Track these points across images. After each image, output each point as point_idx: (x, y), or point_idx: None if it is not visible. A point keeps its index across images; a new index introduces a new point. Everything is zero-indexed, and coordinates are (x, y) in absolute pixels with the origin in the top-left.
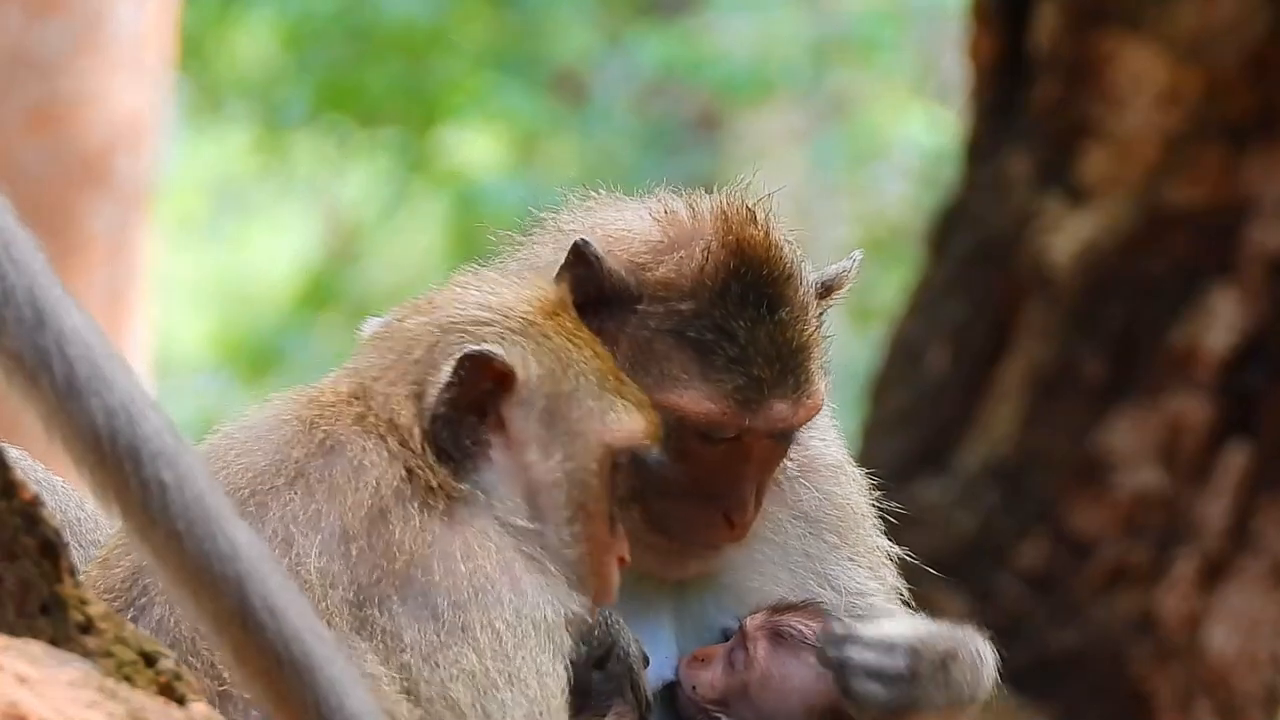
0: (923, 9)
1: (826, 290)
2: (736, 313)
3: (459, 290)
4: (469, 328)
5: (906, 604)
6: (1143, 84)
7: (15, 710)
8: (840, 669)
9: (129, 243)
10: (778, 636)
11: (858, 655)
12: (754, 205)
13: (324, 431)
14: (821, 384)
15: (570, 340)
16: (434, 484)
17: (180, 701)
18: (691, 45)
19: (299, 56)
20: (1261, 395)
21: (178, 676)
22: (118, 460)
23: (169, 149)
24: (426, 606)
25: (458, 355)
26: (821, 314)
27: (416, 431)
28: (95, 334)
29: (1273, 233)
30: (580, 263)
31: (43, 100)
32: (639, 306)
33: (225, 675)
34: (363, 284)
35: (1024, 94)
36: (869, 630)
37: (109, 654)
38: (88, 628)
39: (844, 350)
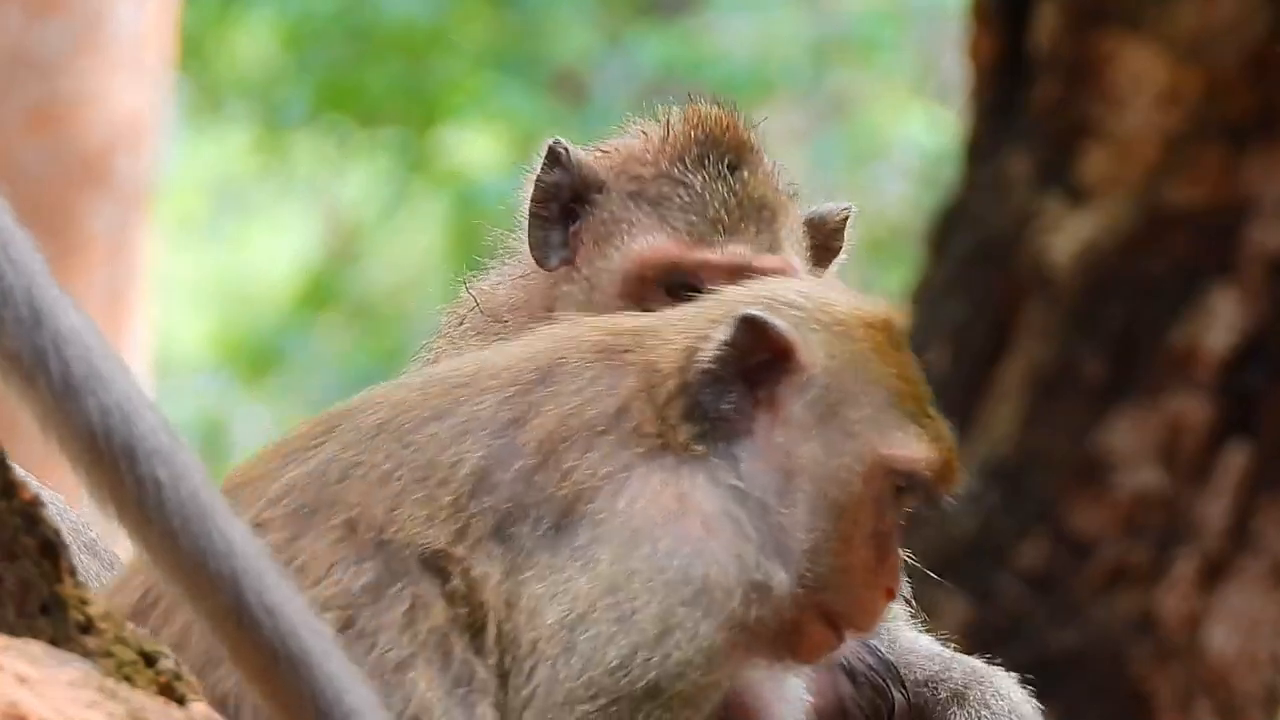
0: (923, 9)
1: (816, 227)
2: (694, 169)
3: (796, 280)
4: (775, 304)
5: (908, 603)
6: (1143, 84)
7: (15, 710)
8: None
9: (129, 243)
10: None
11: None
12: (725, 104)
13: (560, 356)
14: (792, 252)
15: (877, 352)
16: (648, 430)
17: (180, 701)
18: (691, 45)
19: (299, 56)
20: (1261, 395)
21: (178, 676)
22: (113, 458)
23: (169, 149)
24: (570, 534)
25: (745, 315)
26: (808, 234)
27: (671, 382)
28: (92, 334)
29: (1273, 233)
30: (552, 164)
31: (43, 100)
32: (606, 185)
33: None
34: (363, 284)
35: (1024, 94)
36: None
37: (109, 654)
38: (88, 628)
39: None
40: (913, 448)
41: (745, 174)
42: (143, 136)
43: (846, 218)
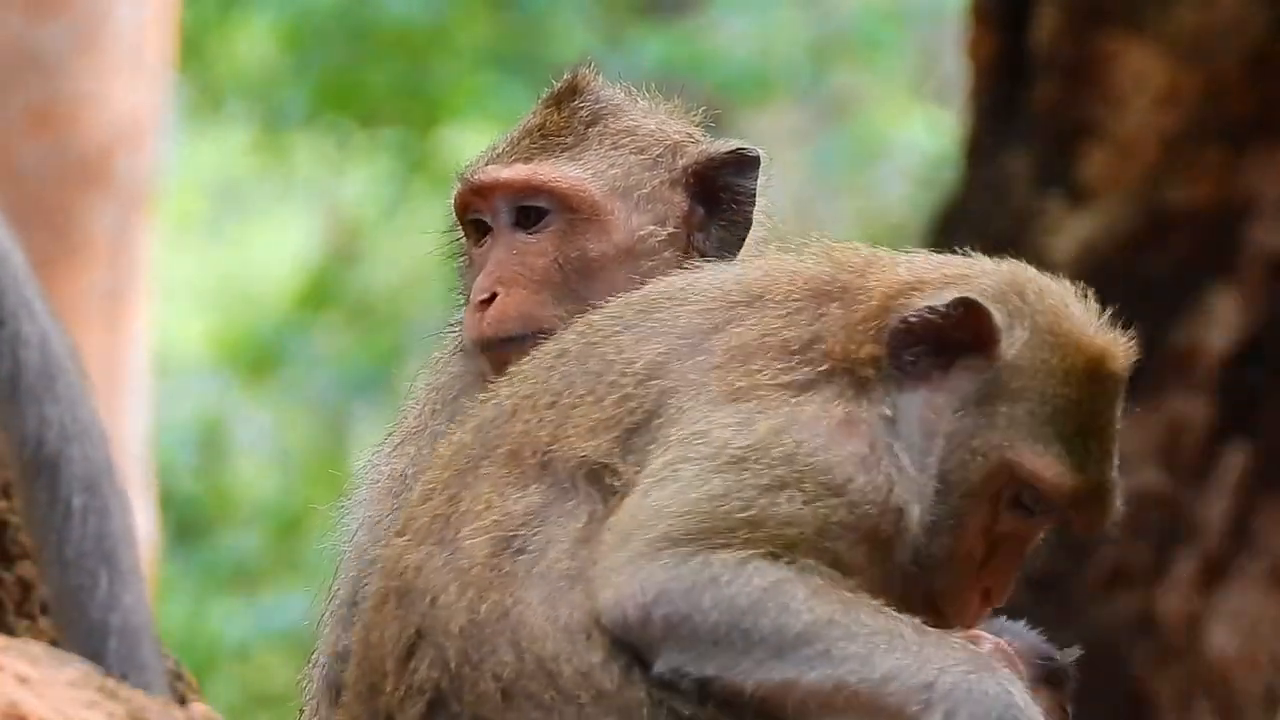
0: (923, 9)
1: (703, 167)
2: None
3: (1054, 281)
4: (1010, 291)
5: None
6: (1143, 84)
7: (15, 710)
8: None
9: (129, 243)
10: None
11: None
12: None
13: (773, 283)
14: (572, 168)
15: (1071, 374)
16: (835, 352)
17: (180, 701)
18: (691, 45)
19: (299, 56)
20: (1261, 395)
21: (178, 676)
22: (37, 470)
23: (169, 149)
24: (738, 404)
25: (964, 295)
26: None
27: (873, 310)
28: (57, 344)
29: (1273, 233)
30: None
31: (43, 100)
32: None
33: None
34: (363, 284)
35: (1024, 94)
36: None
37: None
38: None
39: None
40: (1043, 464)
41: (545, 110)
42: (143, 136)
43: (735, 153)
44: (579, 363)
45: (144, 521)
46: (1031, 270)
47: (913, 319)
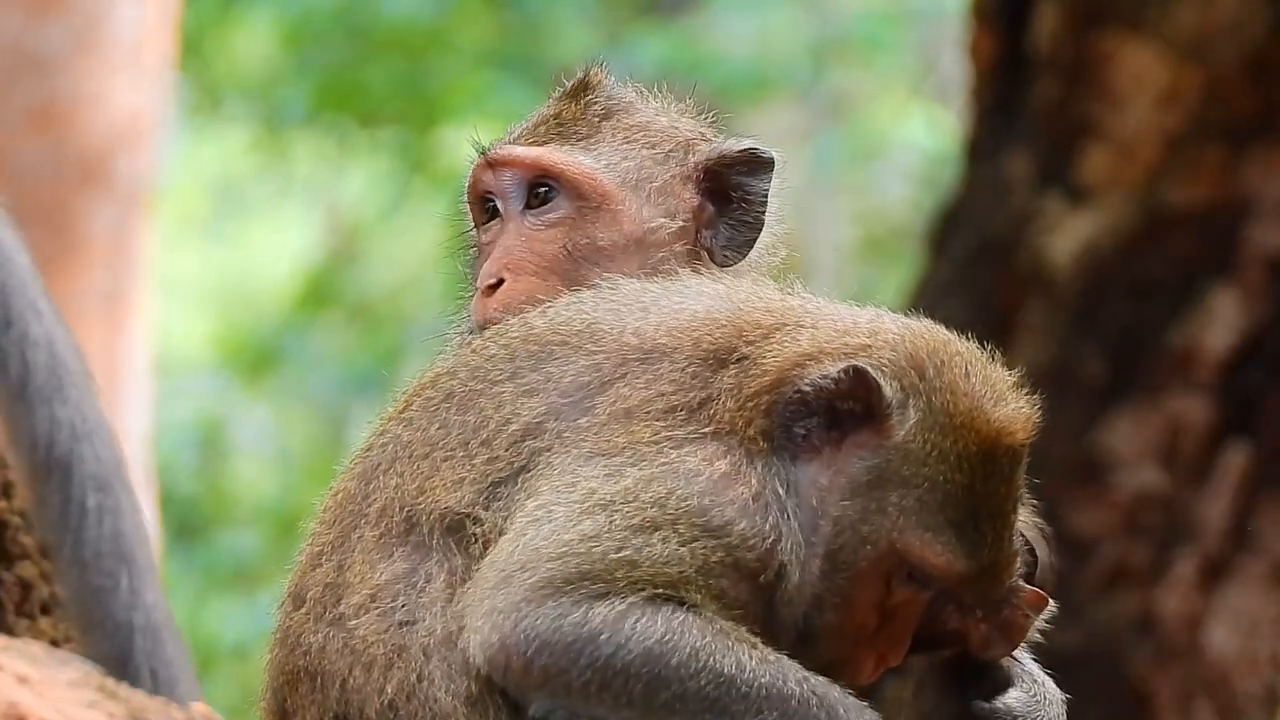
0: (923, 9)
1: (715, 164)
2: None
3: (960, 348)
4: (912, 371)
5: None
6: (1143, 84)
7: (15, 710)
8: None
9: (129, 243)
10: None
11: None
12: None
13: (673, 346)
14: (583, 156)
15: (964, 456)
16: (724, 417)
17: (181, 701)
18: (691, 45)
19: (299, 56)
20: (1261, 395)
21: None
22: (49, 471)
23: (169, 149)
24: (608, 459)
25: (858, 366)
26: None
27: (766, 380)
28: (64, 346)
29: (1273, 233)
30: None
31: (43, 100)
32: None
33: None
34: (363, 284)
35: (1024, 94)
36: None
37: None
38: None
39: None
40: (932, 552)
41: (560, 103)
42: (143, 136)
43: (748, 153)
44: (460, 411)
45: None
46: (939, 337)
47: (806, 388)
